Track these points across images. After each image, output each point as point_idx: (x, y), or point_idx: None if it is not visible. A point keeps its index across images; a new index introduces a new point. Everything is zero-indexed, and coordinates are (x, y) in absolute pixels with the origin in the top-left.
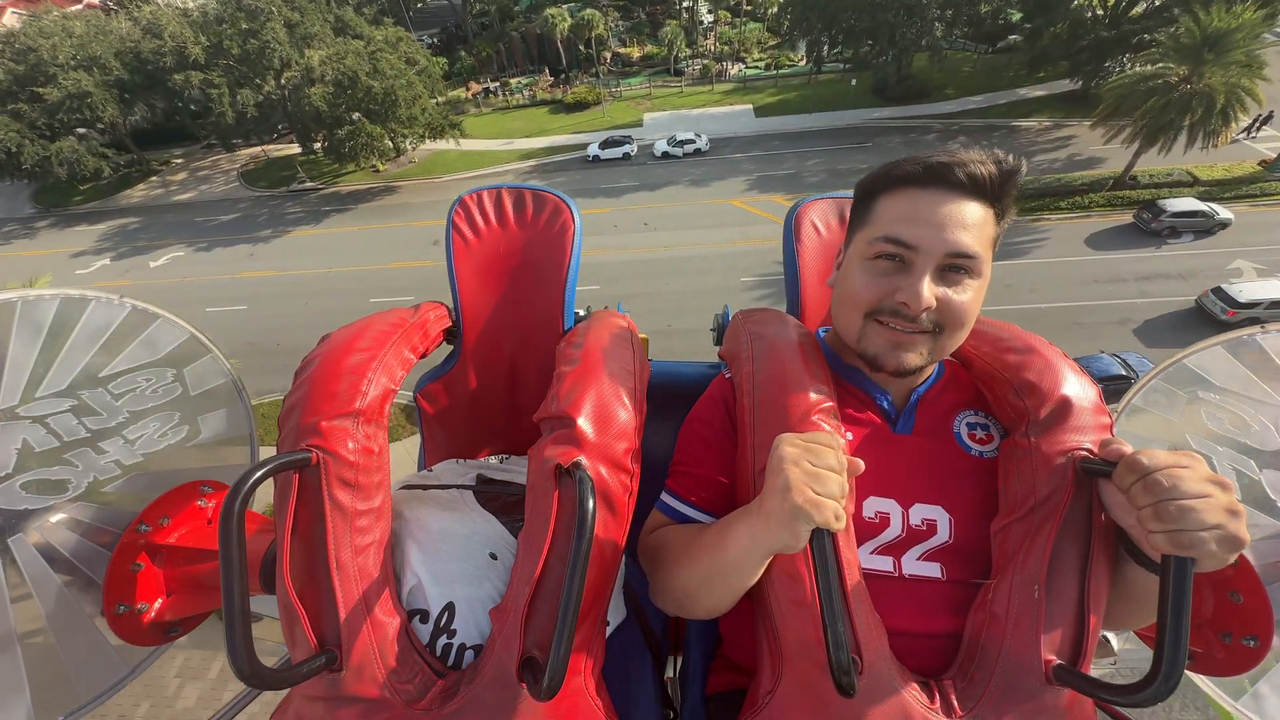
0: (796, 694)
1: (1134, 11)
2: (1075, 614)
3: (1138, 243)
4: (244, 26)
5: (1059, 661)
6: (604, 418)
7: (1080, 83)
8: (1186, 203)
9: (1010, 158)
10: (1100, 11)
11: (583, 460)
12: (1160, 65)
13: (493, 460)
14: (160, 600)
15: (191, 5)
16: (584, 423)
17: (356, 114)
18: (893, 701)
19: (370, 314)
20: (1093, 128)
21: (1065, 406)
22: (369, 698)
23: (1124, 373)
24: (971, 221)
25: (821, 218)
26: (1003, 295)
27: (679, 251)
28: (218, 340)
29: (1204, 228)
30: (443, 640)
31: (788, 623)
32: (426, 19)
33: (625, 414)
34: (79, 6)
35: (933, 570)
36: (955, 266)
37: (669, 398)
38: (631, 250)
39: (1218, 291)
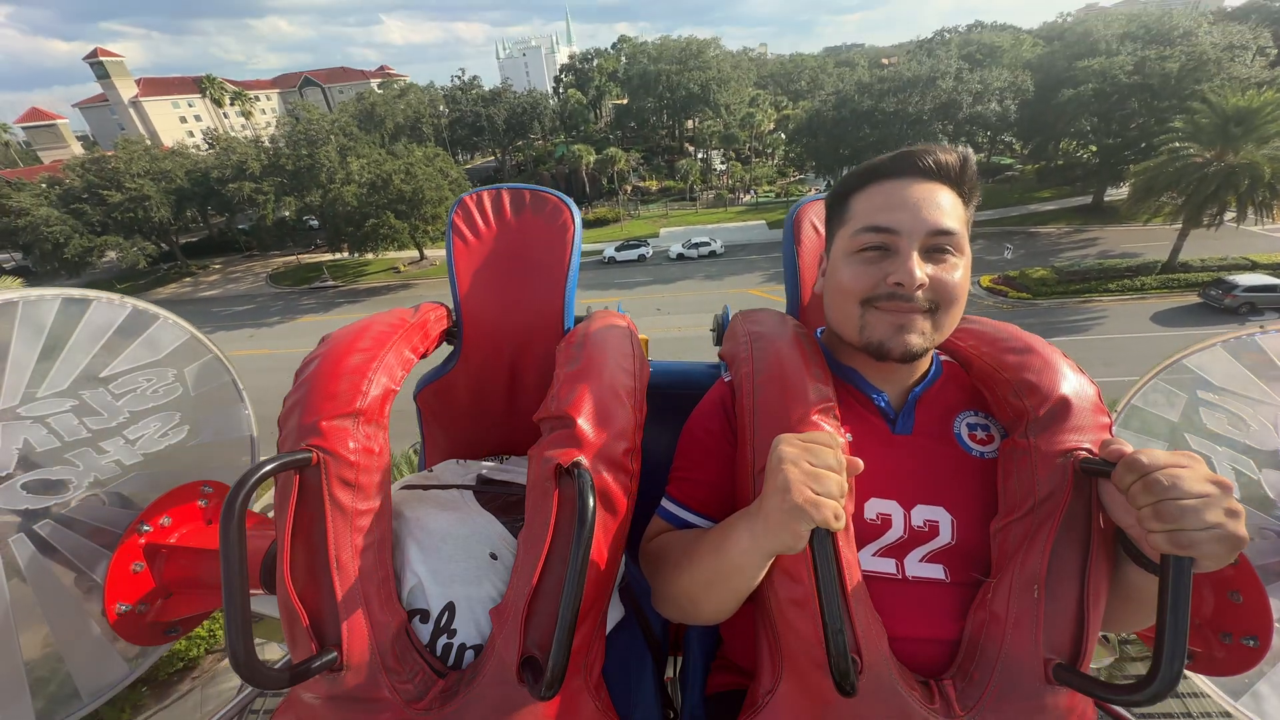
0: (796, 694)
1: (1130, 127)
2: (1075, 614)
3: (1214, 320)
4: (303, 151)
5: (1059, 661)
6: (604, 418)
7: (1092, 196)
8: (1258, 278)
9: (960, 145)
10: (1092, 149)
11: (583, 460)
12: (1184, 148)
13: (493, 460)
14: (160, 600)
15: (265, 139)
16: (584, 423)
17: (385, 213)
18: (892, 701)
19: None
20: (1127, 213)
21: (1064, 406)
22: (369, 697)
23: None
24: (945, 203)
25: (821, 218)
26: None
27: (694, 332)
28: None
29: None
30: (443, 640)
31: (788, 623)
32: (471, 175)
33: (625, 414)
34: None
35: (936, 572)
36: (938, 246)
37: (669, 398)
38: (643, 331)
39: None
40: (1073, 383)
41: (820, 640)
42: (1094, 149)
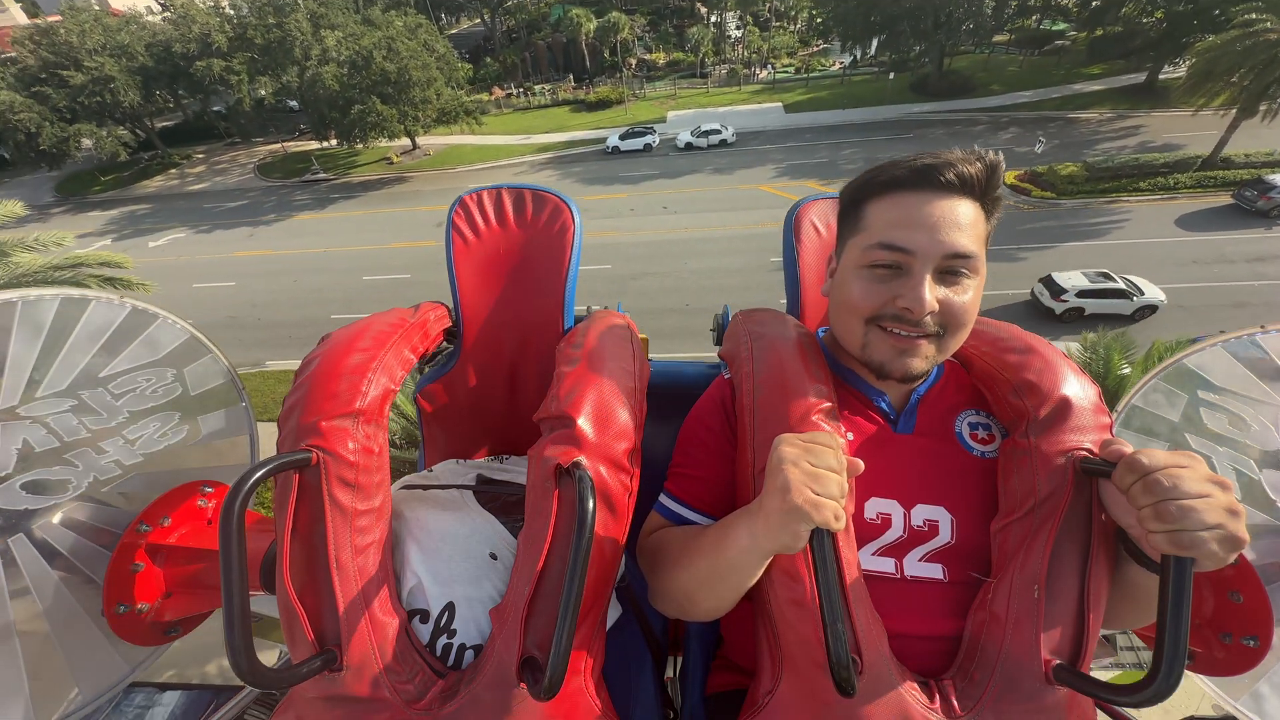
0: (796, 694)
1: None
2: (1075, 614)
3: (1242, 223)
4: (270, 21)
5: (1059, 661)
6: (604, 418)
7: (1146, 74)
8: None
9: (990, 153)
10: (1159, 15)
11: (583, 460)
12: (1260, 20)
13: (493, 460)
14: (160, 600)
15: (226, 5)
16: (584, 423)
17: (370, 97)
18: (892, 701)
19: (370, 314)
20: (1179, 97)
21: (1065, 406)
22: (369, 697)
23: None
24: (965, 221)
25: (821, 218)
26: None
27: (701, 233)
28: (199, 314)
29: None
30: (443, 640)
31: (788, 623)
32: (458, 41)
33: (625, 414)
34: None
35: (934, 571)
36: (953, 268)
37: (669, 398)
38: (648, 231)
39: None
40: (1073, 383)
41: (820, 640)
42: (1160, 15)
